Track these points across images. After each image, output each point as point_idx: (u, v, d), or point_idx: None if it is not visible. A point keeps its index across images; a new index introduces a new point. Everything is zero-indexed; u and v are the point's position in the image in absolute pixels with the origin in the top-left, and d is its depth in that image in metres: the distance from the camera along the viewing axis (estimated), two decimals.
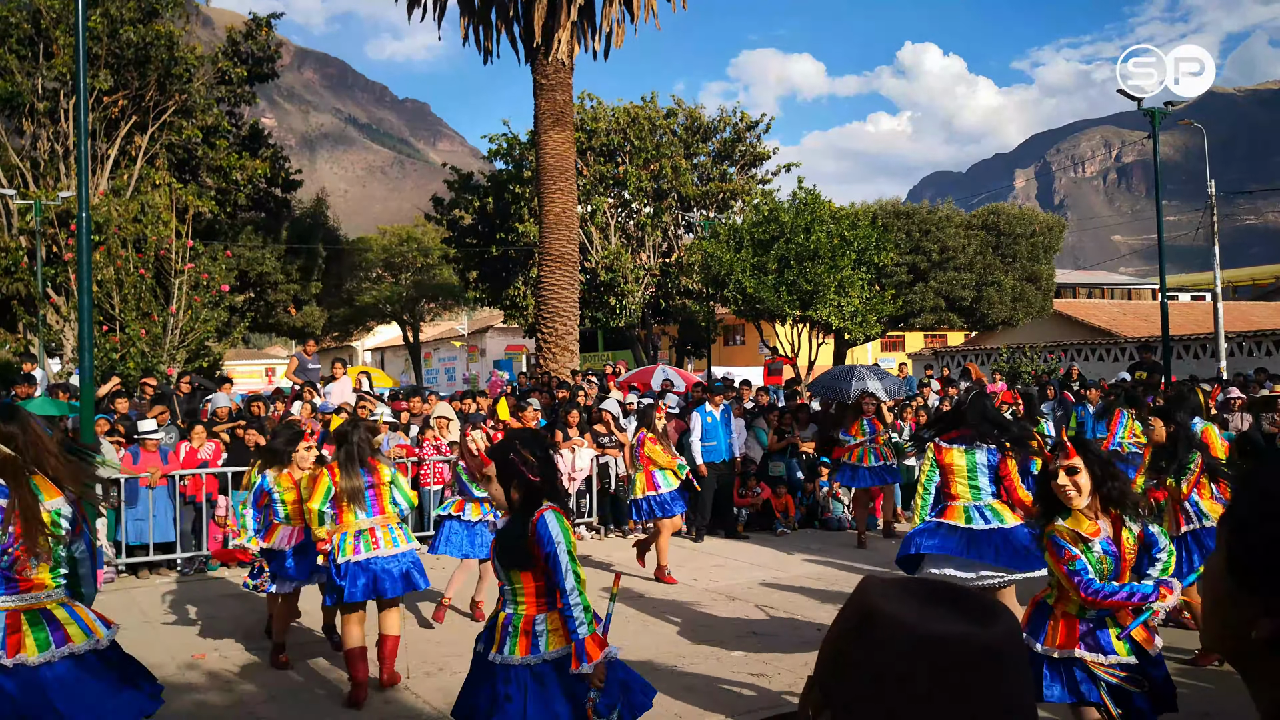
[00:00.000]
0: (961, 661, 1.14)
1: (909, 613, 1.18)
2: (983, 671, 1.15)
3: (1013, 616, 1.21)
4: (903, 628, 1.16)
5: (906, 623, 1.17)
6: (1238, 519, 1.22)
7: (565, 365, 22.04)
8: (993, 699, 1.15)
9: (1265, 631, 1.15)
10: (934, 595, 1.23)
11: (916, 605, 1.20)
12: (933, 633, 1.15)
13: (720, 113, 36.95)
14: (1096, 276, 69.12)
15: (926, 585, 1.25)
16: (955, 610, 1.19)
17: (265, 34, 30.25)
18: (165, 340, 18.33)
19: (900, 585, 1.25)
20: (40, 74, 25.37)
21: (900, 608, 1.19)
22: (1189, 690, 6.68)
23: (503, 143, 37.14)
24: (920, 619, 1.17)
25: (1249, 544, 1.19)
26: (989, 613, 1.20)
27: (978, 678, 1.14)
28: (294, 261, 35.40)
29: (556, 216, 22.57)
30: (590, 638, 4.11)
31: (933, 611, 1.18)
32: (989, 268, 35.63)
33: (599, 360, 33.98)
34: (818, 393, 17.55)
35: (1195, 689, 6.64)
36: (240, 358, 60.53)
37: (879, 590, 1.23)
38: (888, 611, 1.19)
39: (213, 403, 14.47)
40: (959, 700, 1.14)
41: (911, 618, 1.17)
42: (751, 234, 26.80)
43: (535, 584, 4.29)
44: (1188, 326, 35.60)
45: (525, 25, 22.69)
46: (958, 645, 1.14)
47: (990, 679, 1.15)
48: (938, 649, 1.14)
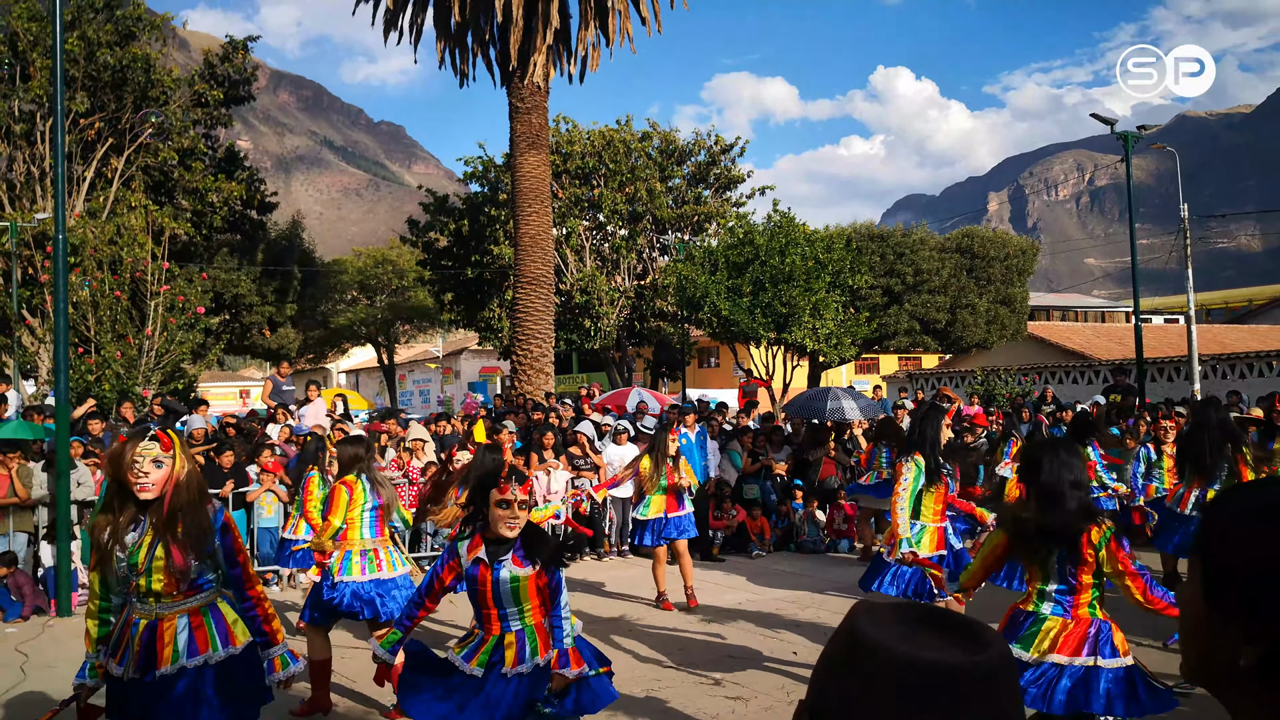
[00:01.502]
0: (951, 689, 1.14)
1: (898, 640, 1.18)
2: (973, 699, 1.14)
3: (1004, 642, 1.21)
4: (892, 655, 1.16)
5: (895, 650, 1.16)
6: (1210, 546, 1.22)
7: (540, 387, 22.06)
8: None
9: (1253, 659, 1.15)
10: (924, 621, 1.22)
11: (906, 632, 1.19)
12: (922, 660, 1.15)
13: (695, 136, 37.20)
14: (1070, 299, 69.62)
15: (917, 611, 1.25)
16: (945, 637, 1.19)
17: (241, 57, 30.23)
18: (141, 362, 18.28)
19: (890, 611, 1.24)
20: (17, 96, 25.26)
21: (889, 635, 1.19)
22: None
23: (478, 165, 37.22)
24: (910, 646, 1.16)
25: (1223, 571, 1.20)
26: (979, 639, 1.19)
27: (968, 706, 1.14)
28: (269, 283, 35.30)
29: (532, 239, 22.64)
30: (572, 650, 4.66)
31: (923, 638, 1.18)
32: (963, 290, 35.88)
33: (574, 382, 34.05)
34: (793, 413, 17.64)
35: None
36: (215, 380, 60.18)
37: (869, 616, 1.23)
38: (877, 638, 1.18)
39: (188, 425, 14.45)
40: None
41: (901, 645, 1.17)
42: (726, 256, 26.94)
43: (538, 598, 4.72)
44: (1161, 349, 35.91)
45: (501, 49, 22.81)
46: (947, 673, 1.14)
47: (981, 707, 1.15)
48: (927, 676, 1.14)
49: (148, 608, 4.24)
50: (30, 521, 11.19)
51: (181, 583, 4.24)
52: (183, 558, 4.18)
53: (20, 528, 11.10)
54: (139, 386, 17.74)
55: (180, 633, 4.22)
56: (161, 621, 4.23)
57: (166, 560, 4.17)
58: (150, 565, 4.18)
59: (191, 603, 4.29)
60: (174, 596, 4.24)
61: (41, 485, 11.08)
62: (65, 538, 10.51)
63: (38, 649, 9.12)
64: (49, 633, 9.81)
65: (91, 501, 11.32)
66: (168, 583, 4.21)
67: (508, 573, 4.60)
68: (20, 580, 10.56)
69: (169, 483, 4.21)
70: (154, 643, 4.20)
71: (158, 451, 4.20)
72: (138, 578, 4.20)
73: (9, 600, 10.44)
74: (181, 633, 4.22)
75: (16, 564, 10.67)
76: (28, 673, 8.31)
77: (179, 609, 4.26)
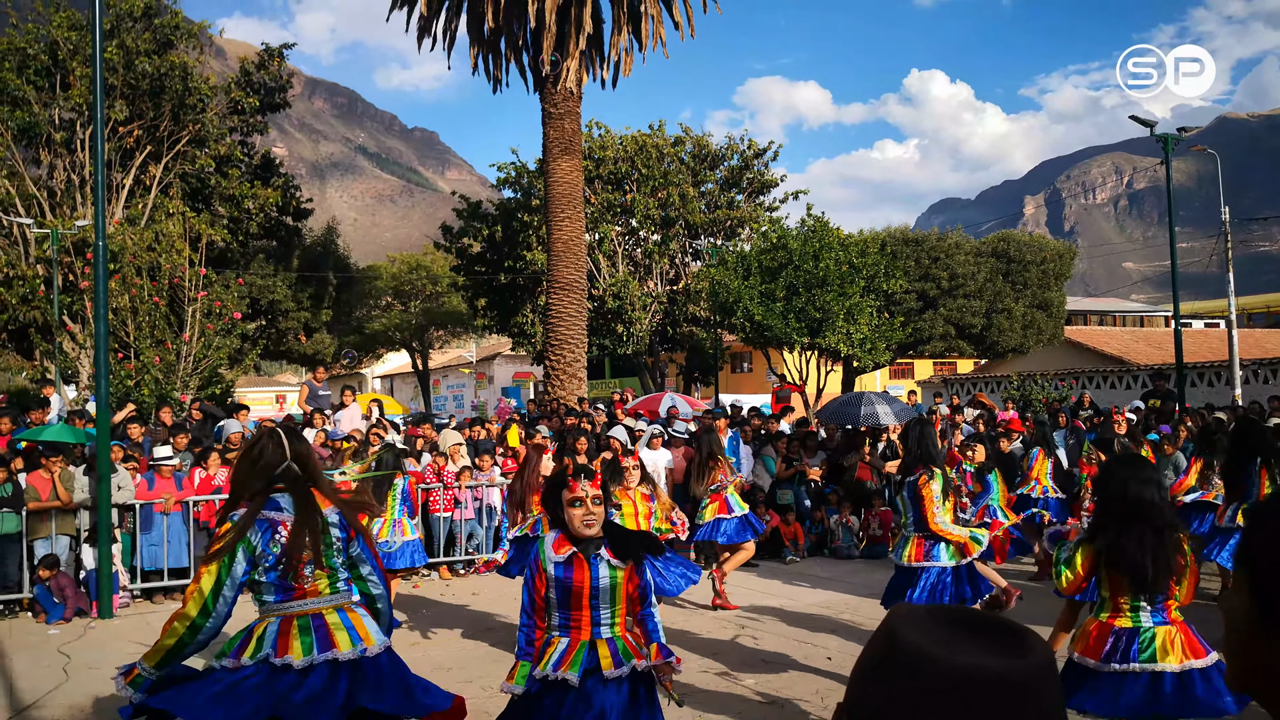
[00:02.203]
0: (990, 695, 1.12)
1: (936, 644, 1.16)
2: (1012, 705, 1.12)
3: (1046, 648, 1.18)
4: (930, 659, 1.15)
5: (933, 654, 1.15)
6: (1255, 555, 1.21)
7: (573, 392, 22.10)
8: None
9: None
10: (963, 625, 1.21)
11: (945, 636, 1.18)
12: (960, 665, 1.13)
13: (728, 140, 37.14)
14: (1108, 304, 69.03)
15: (956, 614, 1.24)
16: (985, 641, 1.17)
17: (277, 64, 30.51)
18: (179, 367, 18.46)
19: (929, 615, 1.23)
20: (57, 104, 25.63)
21: (927, 638, 1.17)
22: None
23: (511, 171, 37.32)
24: (948, 650, 1.15)
25: (1270, 579, 1.18)
26: (1021, 644, 1.17)
27: (1009, 711, 1.12)
28: (305, 289, 35.58)
29: (564, 244, 22.69)
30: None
31: (962, 642, 1.16)
32: (999, 295, 35.60)
33: (606, 387, 34.09)
34: (827, 419, 17.57)
35: None
36: (252, 385, 60.69)
37: (906, 619, 1.22)
38: (916, 642, 1.17)
39: (224, 429, 14.59)
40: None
41: (939, 649, 1.15)
42: (759, 261, 26.88)
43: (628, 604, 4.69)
44: (1201, 354, 35.49)
45: (534, 54, 22.88)
46: (986, 678, 1.12)
47: (1021, 712, 1.13)
48: (965, 681, 1.13)
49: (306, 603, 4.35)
50: (72, 525, 11.34)
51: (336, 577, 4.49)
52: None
53: (62, 531, 11.26)
54: (177, 391, 17.92)
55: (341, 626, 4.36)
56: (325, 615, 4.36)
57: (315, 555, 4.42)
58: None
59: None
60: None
61: (83, 489, 11.22)
62: (106, 540, 10.64)
63: (79, 650, 9.23)
64: (91, 634, 9.93)
65: (131, 505, 11.47)
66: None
67: (606, 569, 4.54)
68: (63, 582, 10.70)
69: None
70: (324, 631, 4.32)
71: None
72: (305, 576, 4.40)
73: (51, 602, 10.58)
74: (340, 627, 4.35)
75: (59, 566, 10.81)
76: (70, 673, 8.42)
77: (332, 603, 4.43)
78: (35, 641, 9.70)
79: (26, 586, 10.91)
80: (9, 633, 10.10)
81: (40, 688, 7.98)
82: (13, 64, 24.93)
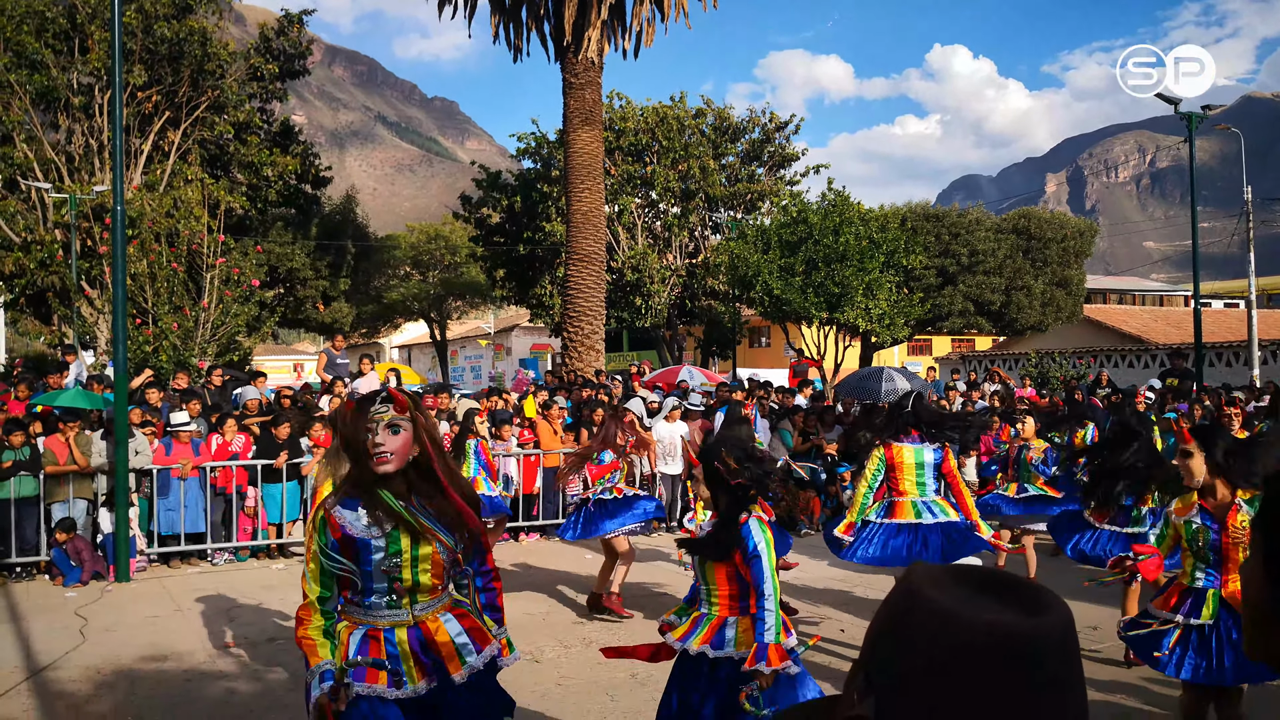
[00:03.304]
0: (1007, 651, 1.11)
1: (955, 600, 1.15)
2: (1030, 663, 1.12)
3: (1065, 607, 1.17)
4: (948, 615, 1.14)
5: (952, 610, 1.14)
6: (1272, 521, 1.20)
7: (590, 364, 22.09)
8: (1040, 691, 1.12)
9: None
10: (983, 583, 1.20)
11: (964, 593, 1.17)
12: (978, 621, 1.12)
13: (749, 113, 36.92)
14: (1128, 282, 68.62)
15: (976, 573, 1.22)
16: (1004, 599, 1.16)
17: (297, 30, 30.41)
18: (197, 334, 18.50)
19: (949, 572, 1.22)
20: (75, 69, 25.61)
21: (946, 595, 1.16)
22: None
23: (531, 141, 37.21)
24: (966, 606, 1.14)
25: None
26: (1040, 602, 1.16)
27: (1025, 669, 1.11)
28: (323, 258, 35.60)
29: (584, 216, 22.61)
30: (774, 645, 4.19)
31: (980, 599, 1.16)
32: (1019, 272, 35.41)
33: (624, 360, 34.04)
34: (845, 394, 17.50)
35: None
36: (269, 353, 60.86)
37: (926, 576, 1.21)
38: (933, 598, 1.16)
39: (242, 395, 14.63)
40: (1004, 691, 1.11)
41: (957, 605, 1.14)
42: (779, 235, 26.75)
43: (730, 587, 4.44)
44: (1220, 334, 35.29)
45: (556, 23, 22.75)
46: (1003, 635, 1.11)
47: (1038, 671, 1.12)
48: (983, 637, 1.12)
49: (400, 612, 3.56)
50: (89, 489, 11.39)
51: (448, 574, 3.64)
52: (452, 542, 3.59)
53: (79, 495, 11.31)
54: (195, 358, 17.97)
55: (454, 632, 3.60)
56: (425, 624, 3.57)
57: (437, 546, 3.55)
58: (416, 555, 3.52)
59: (446, 598, 3.68)
60: (435, 592, 3.61)
61: (100, 453, 11.27)
62: (124, 505, 10.68)
63: (96, 613, 9.28)
64: (107, 598, 9.98)
65: (149, 471, 11.51)
66: (436, 576, 3.59)
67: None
68: (79, 545, 10.75)
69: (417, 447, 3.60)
70: (430, 650, 3.55)
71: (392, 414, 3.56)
72: (400, 574, 3.53)
73: (69, 565, 10.63)
74: (458, 632, 3.61)
75: (75, 530, 10.87)
76: (87, 635, 8.46)
77: (438, 606, 3.63)
78: (53, 604, 9.76)
79: (44, 549, 10.97)
80: (26, 594, 10.16)
81: (57, 649, 8.02)
82: (31, 27, 24.88)
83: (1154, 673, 7.08)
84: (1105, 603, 8.27)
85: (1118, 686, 6.85)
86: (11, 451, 10.87)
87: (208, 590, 10.25)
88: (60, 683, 7.21)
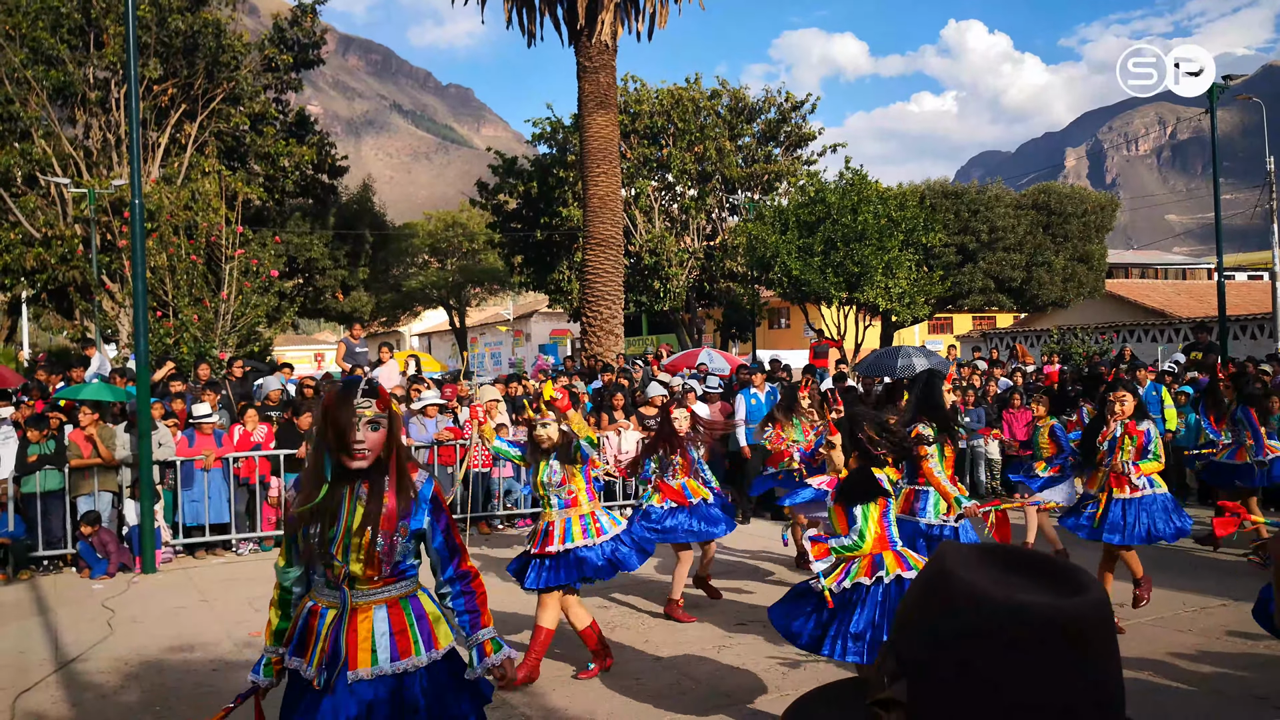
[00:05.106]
0: (1041, 633, 1.09)
1: (987, 580, 1.13)
2: (1063, 644, 1.10)
3: (1102, 589, 1.15)
4: (980, 595, 1.12)
5: (984, 590, 1.12)
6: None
7: (610, 349, 22.08)
8: (1074, 673, 1.10)
9: None
10: (1015, 563, 1.18)
11: (996, 573, 1.15)
12: (1011, 601, 1.11)
13: (765, 94, 36.77)
14: (1150, 256, 68.10)
15: (1007, 552, 1.21)
16: (1038, 579, 1.15)
17: (310, 21, 30.40)
18: (217, 325, 18.57)
19: (980, 551, 1.21)
20: (91, 63, 25.69)
21: (978, 575, 1.14)
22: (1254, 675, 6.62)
23: (546, 126, 37.14)
24: (998, 587, 1.12)
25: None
26: (1075, 583, 1.15)
27: (1058, 651, 1.09)
28: (341, 247, 35.66)
29: (600, 200, 22.58)
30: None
31: (1013, 579, 1.14)
32: (1039, 248, 35.18)
33: (643, 344, 34.00)
34: (864, 372, 17.41)
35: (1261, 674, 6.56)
36: (289, 343, 61.15)
37: (957, 556, 1.19)
38: (965, 578, 1.14)
39: (264, 387, 14.68)
40: (1037, 672, 1.09)
41: (989, 585, 1.13)
42: (797, 215, 26.65)
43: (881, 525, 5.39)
44: (1244, 306, 35.00)
45: (569, 7, 22.68)
46: (1037, 616, 1.09)
47: (1072, 653, 1.10)
48: (1016, 619, 1.10)
49: (337, 594, 3.60)
50: (114, 481, 11.45)
51: (385, 565, 3.59)
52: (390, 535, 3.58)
53: (104, 487, 11.37)
54: (216, 349, 18.04)
55: (379, 631, 3.57)
56: (356, 612, 3.58)
57: (373, 537, 3.55)
58: (349, 543, 3.55)
59: (391, 591, 3.64)
60: (374, 583, 3.60)
61: (124, 446, 11.33)
62: (148, 496, 10.75)
63: (123, 604, 9.34)
64: (134, 589, 10.04)
65: (172, 462, 11.57)
66: (369, 565, 3.57)
67: None
68: (105, 538, 10.82)
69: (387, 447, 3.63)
70: (344, 637, 3.55)
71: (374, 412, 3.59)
72: (335, 559, 3.56)
73: (95, 558, 10.70)
74: (381, 632, 3.57)
75: (101, 522, 10.94)
76: (114, 627, 8.52)
77: (376, 598, 3.62)
78: (80, 596, 9.83)
79: (70, 542, 11.05)
80: (54, 587, 10.24)
81: (85, 641, 8.08)
82: (46, 23, 24.95)
83: (1182, 649, 7.06)
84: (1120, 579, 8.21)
85: (1144, 664, 6.80)
86: (36, 446, 10.95)
87: (233, 580, 10.31)
88: (89, 674, 7.25)
